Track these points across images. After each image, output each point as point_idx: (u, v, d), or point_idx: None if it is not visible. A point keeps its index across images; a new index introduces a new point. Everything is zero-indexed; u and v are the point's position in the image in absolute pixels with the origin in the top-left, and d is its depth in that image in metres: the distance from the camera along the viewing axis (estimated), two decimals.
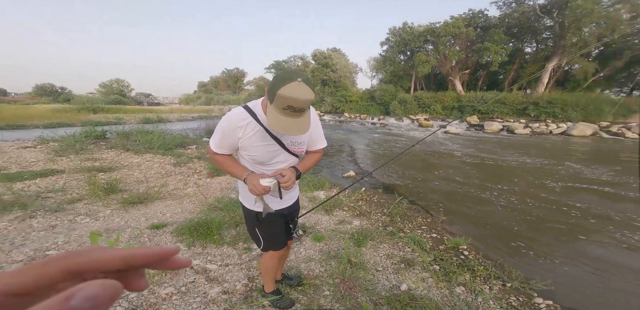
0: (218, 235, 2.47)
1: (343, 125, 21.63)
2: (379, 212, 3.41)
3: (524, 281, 2.06)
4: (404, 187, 4.99)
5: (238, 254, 2.25)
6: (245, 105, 1.13)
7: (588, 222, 3.49)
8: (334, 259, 2.17)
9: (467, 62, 26.10)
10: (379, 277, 2.01)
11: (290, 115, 0.95)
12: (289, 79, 0.89)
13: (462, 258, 2.42)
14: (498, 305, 1.77)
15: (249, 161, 1.19)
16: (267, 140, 1.13)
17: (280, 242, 1.42)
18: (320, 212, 3.24)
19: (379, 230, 2.77)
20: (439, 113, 24.14)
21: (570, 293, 2.10)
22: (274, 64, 48.44)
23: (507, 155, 8.65)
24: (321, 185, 4.28)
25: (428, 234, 2.92)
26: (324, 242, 2.49)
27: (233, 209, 3.02)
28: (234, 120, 1.08)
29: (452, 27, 23.63)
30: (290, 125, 0.96)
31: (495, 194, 4.64)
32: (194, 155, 5.77)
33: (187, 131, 10.25)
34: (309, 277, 1.96)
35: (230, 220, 2.76)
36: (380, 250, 2.41)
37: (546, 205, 4.10)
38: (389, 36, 28.57)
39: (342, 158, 7.78)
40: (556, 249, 2.83)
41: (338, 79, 30.30)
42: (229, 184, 4.20)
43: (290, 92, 0.88)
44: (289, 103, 0.90)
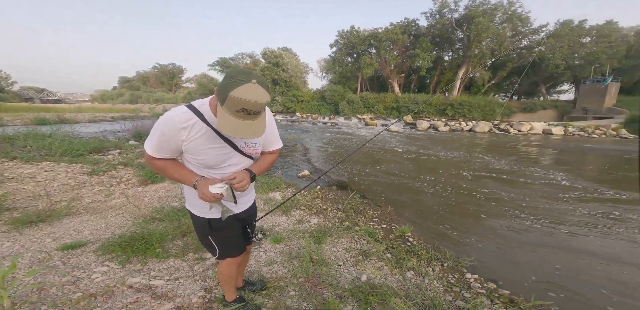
0: (161, 249, 2.23)
1: (295, 125, 21.63)
2: (335, 209, 3.55)
3: (455, 260, 2.42)
4: (355, 182, 5.30)
5: (189, 266, 2.08)
6: (190, 105, 1.02)
7: (490, 204, 4.24)
8: (295, 259, 2.19)
9: (402, 66, 29.02)
10: (340, 271, 2.09)
11: (244, 118, 0.89)
12: (242, 81, 0.82)
13: (408, 245, 2.70)
14: (440, 284, 2.04)
15: (197, 165, 1.10)
16: (217, 143, 1.05)
17: (238, 248, 1.36)
18: (278, 213, 3.21)
19: (336, 226, 2.89)
20: (382, 113, 26.26)
21: (489, 266, 2.53)
22: (219, 61, 45.17)
23: (434, 150, 10.01)
24: (276, 186, 4.23)
25: (379, 226, 3.18)
26: (284, 243, 2.48)
27: (177, 218, 2.76)
28: (176, 121, 0.97)
29: (391, 33, 26.03)
30: (243, 128, 0.90)
31: (425, 184, 5.29)
32: (117, 162, 4.94)
33: (105, 134, 8.90)
34: (273, 279, 1.94)
35: (175, 230, 2.52)
36: (339, 245, 2.52)
37: (462, 191, 4.85)
38: (338, 38, 29.77)
39: (296, 158, 7.81)
40: (472, 229, 3.37)
41: (289, 78, 30.09)
42: (169, 192, 3.79)
43: (245, 94, 0.82)
44: (243, 106, 0.84)
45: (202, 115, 1.01)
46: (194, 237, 2.42)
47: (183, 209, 3.01)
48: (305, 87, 33.01)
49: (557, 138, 16.40)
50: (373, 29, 28.32)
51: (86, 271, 1.95)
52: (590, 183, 5.62)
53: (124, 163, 4.93)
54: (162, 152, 1.04)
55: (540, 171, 6.72)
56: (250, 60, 44.05)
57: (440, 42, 27.58)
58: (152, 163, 1.09)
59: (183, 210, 2.93)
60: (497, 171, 6.57)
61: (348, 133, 16.49)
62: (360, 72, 28.39)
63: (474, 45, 24.39)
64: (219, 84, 0.88)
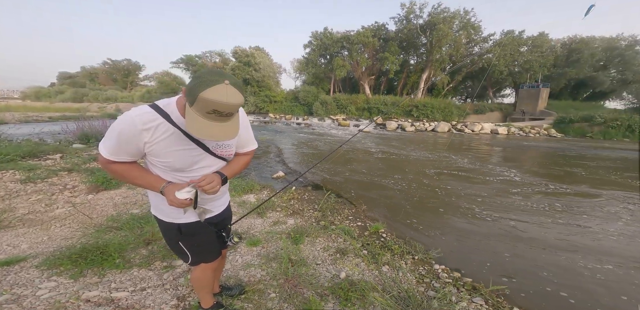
0: (121, 259, 2.06)
1: (268, 126, 21.26)
2: (311, 209, 3.57)
3: (425, 253, 2.57)
4: (330, 182, 5.37)
5: (157, 275, 1.95)
6: (153, 104, 0.95)
7: (451, 200, 4.56)
8: (274, 261, 2.16)
9: (373, 68, 30.03)
10: (320, 270, 2.11)
11: (215, 119, 0.85)
12: (214, 81, 0.78)
13: (382, 240, 2.81)
14: (413, 277, 2.15)
15: (163, 168, 1.03)
16: (186, 144, 1.00)
17: (213, 253, 1.31)
18: (253, 216, 3.14)
19: (313, 226, 2.91)
20: (354, 113, 26.89)
21: (453, 256, 2.73)
22: (184, 59, 42.46)
23: (402, 149, 10.52)
24: (250, 189, 4.12)
25: (354, 223, 3.26)
26: (261, 246, 2.44)
27: (140, 226, 2.58)
28: (138, 121, 0.90)
29: (363, 36, 26.82)
30: (215, 130, 0.86)
31: (393, 182, 5.54)
32: (59, 167, 4.44)
33: (42, 136, 7.97)
34: (251, 283, 1.89)
35: (137, 239, 2.34)
36: (317, 244, 2.54)
37: (425, 188, 5.17)
38: (312, 40, 29.88)
39: (270, 159, 7.69)
40: (435, 223, 3.60)
41: (261, 78, 29.47)
42: (127, 198, 3.50)
43: (217, 95, 0.78)
44: (214, 107, 0.80)
45: (167, 115, 0.95)
46: (161, 244, 2.28)
47: (145, 216, 2.82)
48: (278, 88, 32.60)
49: (503, 137, 18.40)
50: (346, 31, 28.94)
51: (29, 288, 1.74)
52: (536, 178, 6.33)
53: (67, 168, 4.44)
54: (121, 155, 0.96)
55: (491, 168, 7.40)
56: (219, 58, 42.15)
57: (407, 47, 29.04)
58: (108, 167, 1.00)
59: (145, 217, 2.75)
60: (456, 168, 7.10)
61: (322, 134, 16.63)
62: (333, 74, 28.81)
63: (435, 51, 26.15)
64: (188, 85, 0.84)
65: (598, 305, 2.07)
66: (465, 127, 21.17)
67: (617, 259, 2.77)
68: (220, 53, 42.70)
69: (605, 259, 2.75)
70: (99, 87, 45.16)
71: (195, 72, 41.39)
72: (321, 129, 20.51)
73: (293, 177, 5.54)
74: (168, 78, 42.70)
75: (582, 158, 9.71)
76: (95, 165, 4.82)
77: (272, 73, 31.15)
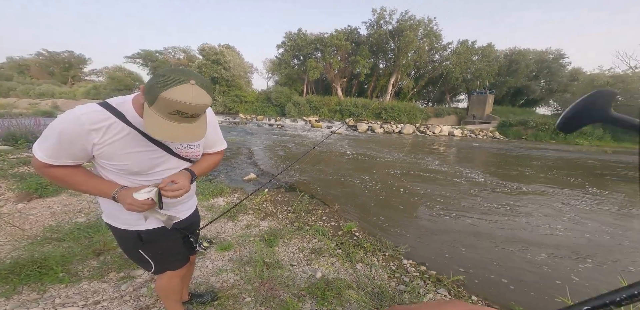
0: (65, 272, 1.86)
1: (238, 127, 20.54)
2: (285, 210, 3.52)
3: (394, 249, 2.69)
4: (304, 183, 5.36)
5: (113, 286, 1.78)
6: (104, 102, 0.87)
7: (414, 199, 4.82)
8: (248, 264, 2.09)
9: (345, 71, 30.73)
10: (295, 271, 2.09)
11: (179, 120, 0.79)
12: (178, 81, 0.73)
13: (355, 239, 2.88)
14: (385, 272, 2.23)
15: (116, 172, 0.94)
16: (145, 146, 0.92)
17: (180, 260, 1.22)
18: (223, 220, 3.01)
19: (287, 228, 2.88)
20: (326, 115, 27.21)
21: (418, 251, 2.90)
22: (142, 54, 39.20)
23: (372, 150, 10.93)
24: (219, 192, 3.94)
25: (328, 223, 3.29)
26: (233, 250, 2.34)
27: (88, 235, 2.34)
28: (85, 120, 0.81)
29: (336, 39, 27.31)
30: (179, 131, 0.80)
31: (362, 182, 5.72)
32: None
33: None
34: (224, 288, 1.80)
35: (85, 250, 2.12)
36: (291, 246, 2.51)
37: (390, 188, 5.41)
38: (285, 40, 29.59)
39: (241, 161, 7.44)
40: (401, 220, 3.80)
41: (231, 77, 28.37)
42: (69, 206, 3.13)
43: (181, 96, 0.73)
44: (178, 108, 0.75)
45: (122, 115, 0.86)
46: (115, 254, 2.10)
47: (94, 224, 2.57)
48: (249, 88, 31.74)
49: (458, 138, 20.27)
50: (320, 33, 29.23)
51: None
52: (491, 177, 6.98)
53: None
54: (62, 158, 0.86)
55: (449, 167, 8.00)
56: (184, 55, 39.72)
57: (377, 51, 30.23)
58: (46, 172, 0.88)
59: (95, 226, 2.51)
60: (419, 169, 7.54)
61: (295, 135, 16.54)
62: (307, 75, 28.91)
63: (402, 56, 27.67)
64: (148, 83, 0.76)
65: (532, 289, 2.36)
66: (427, 130, 22.79)
67: (555, 249, 3.15)
68: (185, 49, 40.32)
69: (545, 251, 3.11)
70: (31, 81, 39.66)
71: (156, 68, 38.46)
72: (294, 130, 20.40)
73: (265, 179, 5.43)
74: (121, 74, 38.81)
75: (530, 158, 10.95)
76: (26, 169, 4.23)
77: (242, 72, 30.23)
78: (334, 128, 21.11)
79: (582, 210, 4.65)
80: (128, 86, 36.40)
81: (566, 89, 30.11)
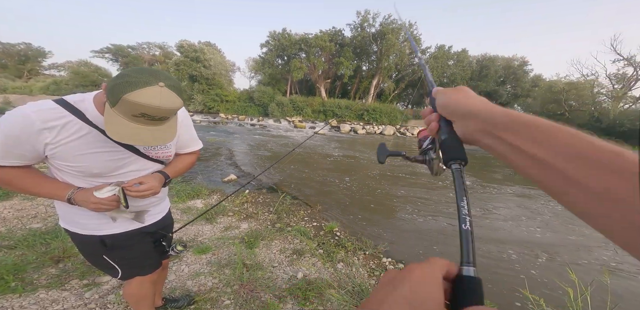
0: (19, 281, 1.71)
1: (219, 127, 19.96)
2: (266, 212, 3.47)
3: (374, 247, 2.75)
4: (286, 184, 5.31)
5: (75, 295, 1.66)
6: (60, 99, 0.81)
7: (392, 200, 4.92)
8: (227, 267, 2.03)
9: (329, 72, 30.93)
10: (276, 272, 2.06)
11: (145, 123, 0.75)
12: (144, 83, 0.68)
13: (336, 239, 2.90)
14: (365, 271, 2.27)
15: (74, 174, 0.87)
16: (108, 147, 0.86)
17: (150, 265, 1.15)
18: (201, 222, 2.91)
19: (268, 229, 2.83)
20: (310, 116, 27.20)
21: (396, 249, 2.97)
22: (112, 48, 36.80)
23: (353, 151, 11.13)
24: (197, 194, 3.80)
25: (310, 224, 3.29)
26: (212, 253, 2.27)
27: (45, 242, 2.18)
28: (36, 118, 0.75)
29: (320, 40, 27.41)
30: (144, 134, 0.75)
31: (336, 181, 5.81)
32: None
33: None
34: (202, 292, 1.74)
35: (41, 257, 1.97)
36: (272, 247, 2.48)
37: (368, 189, 5.47)
38: (269, 39, 29.19)
39: (220, 162, 7.23)
40: (378, 220, 3.88)
41: (212, 76, 27.41)
42: (22, 211, 2.87)
43: (147, 99, 0.69)
44: (144, 111, 0.71)
45: (80, 113, 0.81)
46: (77, 260, 1.96)
47: (51, 230, 2.39)
48: (231, 87, 30.91)
49: None
50: (304, 33, 29.17)
51: None
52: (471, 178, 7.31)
53: None
54: (9, 159, 0.79)
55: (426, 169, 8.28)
56: (160, 51, 37.87)
57: (360, 53, 30.77)
58: None
59: (52, 232, 2.34)
60: (398, 170, 7.75)
61: (278, 135, 16.37)
62: (290, 75, 28.73)
63: (384, 59, 28.39)
64: (110, 82, 0.71)
65: (499, 283, 2.50)
66: (407, 131, 23.69)
67: (524, 247, 3.35)
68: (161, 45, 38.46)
69: (514, 248, 3.30)
70: None
71: (128, 64, 36.22)
72: (277, 130, 20.19)
73: (246, 180, 5.31)
74: (87, 69, 36.01)
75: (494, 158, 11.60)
76: None
77: (224, 71, 29.37)
78: (317, 129, 21.18)
79: (552, 210, 4.99)
80: (95, 82, 33.87)
81: (529, 94, 32.59)
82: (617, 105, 23.95)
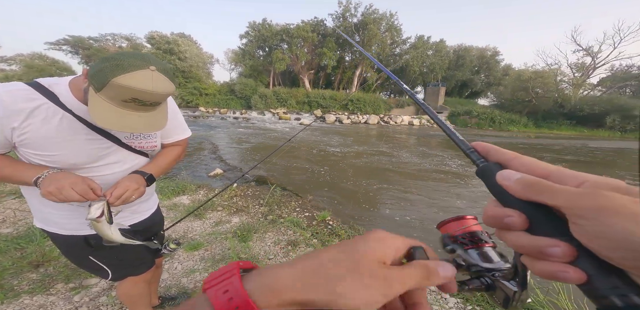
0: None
1: (199, 121, 19.22)
2: (257, 204, 3.43)
3: None
4: (274, 176, 5.26)
5: (63, 299, 1.58)
6: (33, 82, 0.74)
7: (380, 188, 4.96)
8: (221, 262, 2.00)
9: (312, 63, 30.41)
10: (272, 264, 2.06)
11: (136, 109, 0.70)
12: (135, 66, 0.64)
13: (329, 228, 2.93)
14: None
15: (47, 165, 0.78)
16: (84, 134, 0.78)
17: (143, 264, 1.09)
18: (189, 218, 2.83)
19: (260, 222, 2.81)
20: (294, 107, 26.86)
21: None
22: (70, 40, 33.28)
23: (339, 141, 11.17)
24: (182, 190, 3.68)
25: (302, 214, 3.29)
26: (204, 249, 2.22)
27: (19, 247, 2.06)
28: (5, 99, 0.68)
29: (302, 30, 26.73)
30: (134, 121, 0.70)
31: (322, 172, 5.87)
32: None
33: None
34: (198, 289, 1.71)
35: (18, 262, 1.85)
36: (266, 239, 2.47)
37: (354, 179, 5.47)
38: (249, 30, 28.03)
39: (204, 156, 7.02)
40: (367, 208, 3.96)
41: (188, 68, 26.14)
42: None
43: (139, 82, 0.65)
44: (136, 95, 0.66)
45: (54, 96, 0.73)
46: (59, 264, 1.87)
47: (25, 234, 2.25)
48: (209, 79, 29.70)
49: (416, 127, 22.21)
50: (285, 24, 28.26)
51: None
52: (456, 167, 7.58)
53: None
54: None
55: (410, 157, 8.52)
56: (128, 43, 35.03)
57: (343, 43, 30.44)
58: None
59: (27, 236, 2.20)
60: (381, 155, 7.92)
61: (263, 128, 16.06)
62: (273, 67, 27.98)
63: (366, 49, 28.23)
64: (95, 67, 0.66)
65: None
66: (390, 120, 24.18)
67: None
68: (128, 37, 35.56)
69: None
70: None
71: (90, 57, 33.28)
72: (261, 123, 19.80)
73: (233, 174, 5.21)
74: (42, 62, 32.72)
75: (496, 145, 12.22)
76: None
77: (201, 63, 28.11)
78: (303, 120, 20.99)
79: None
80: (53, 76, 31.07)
81: (500, 83, 34.09)
82: (577, 92, 25.79)
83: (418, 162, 7.46)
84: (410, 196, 4.66)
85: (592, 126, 24.43)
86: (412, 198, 4.55)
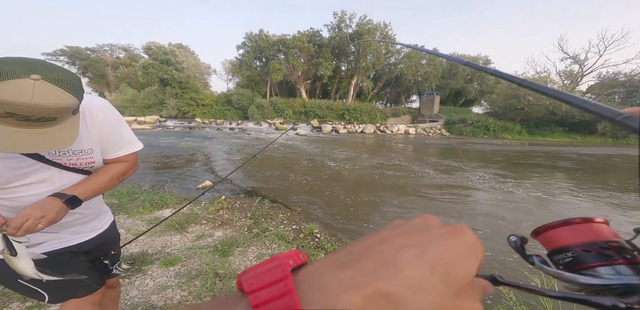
0: None
1: (194, 132, 19.22)
2: (243, 217, 3.35)
3: None
4: (265, 188, 5.19)
5: None
6: None
7: (371, 199, 4.86)
8: (197, 278, 1.92)
9: (309, 73, 31.00)
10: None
11: (17, 125, 0.60)
12: (11, 75, 0.56)
13: (316, 241, 2.85)
14: None
15: None
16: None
17: (86, 286, 0.98)
18: (169, 233, 2.75)
19: (244, 235, 2.73)
20: (291, 117, 27.09)
21: None
22: (67, 51, 33.91)
23: (335, 151, 11.19)
24: (165, 203, 3.60)
25: (289, 227, 3.21)
26: (181, 264, 2.14)
27: None
28: None
29: (299, 41, 27.44)
30: (18, 138, 0.61)
31: (313, 183, 5.82)
32: None
33: None
34: (168, 306, 1.63)
35: None
36: (249, 253, 2.39)
37: (348, 190, 5.29)
38: (246, 41, 28.70)
39: (195, 168, 6.94)
40: (359, 220, 3.85)
41: (185, 79, 26.40)
42: None
43: (11, 94, 0.55)
44: (9, 109, 0.57)
45: None
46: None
47: None
48: (207, 90, 30.01)
49: (412, 136, 22.32)
50: (282, 34, 28.99)
51: None
52: (443, 175, 7.56)
53: None
54: None
55: (406, 166, 8.53)
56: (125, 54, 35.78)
57: (339, 53, 31.20)
58: None
59: None
60: (378, 167, 7.91)
61: (259, 139, 16.07)
62: (270, 77, 28.45)
63: (361, 59, 28.97)
64: None
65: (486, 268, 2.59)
66: (386, 129, 24.46)
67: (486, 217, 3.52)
68: (126, 47, 36.33)
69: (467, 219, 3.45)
70: None
71: (87, 68, 33.69)
72: (258, 133, 19.85)
73: (224, 186, 5.13)
74: None
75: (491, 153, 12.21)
76: None
77: (198, 74, 28.45)
78: (299, 130, 21.10)
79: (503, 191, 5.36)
80: None
81: (493, 91, 35.01)
82: None
83: (416, 172, 7.45)
84: (405, 209, 4.60)
85: (585, 133, 24.86)
86: (409, 208, 4.49)
